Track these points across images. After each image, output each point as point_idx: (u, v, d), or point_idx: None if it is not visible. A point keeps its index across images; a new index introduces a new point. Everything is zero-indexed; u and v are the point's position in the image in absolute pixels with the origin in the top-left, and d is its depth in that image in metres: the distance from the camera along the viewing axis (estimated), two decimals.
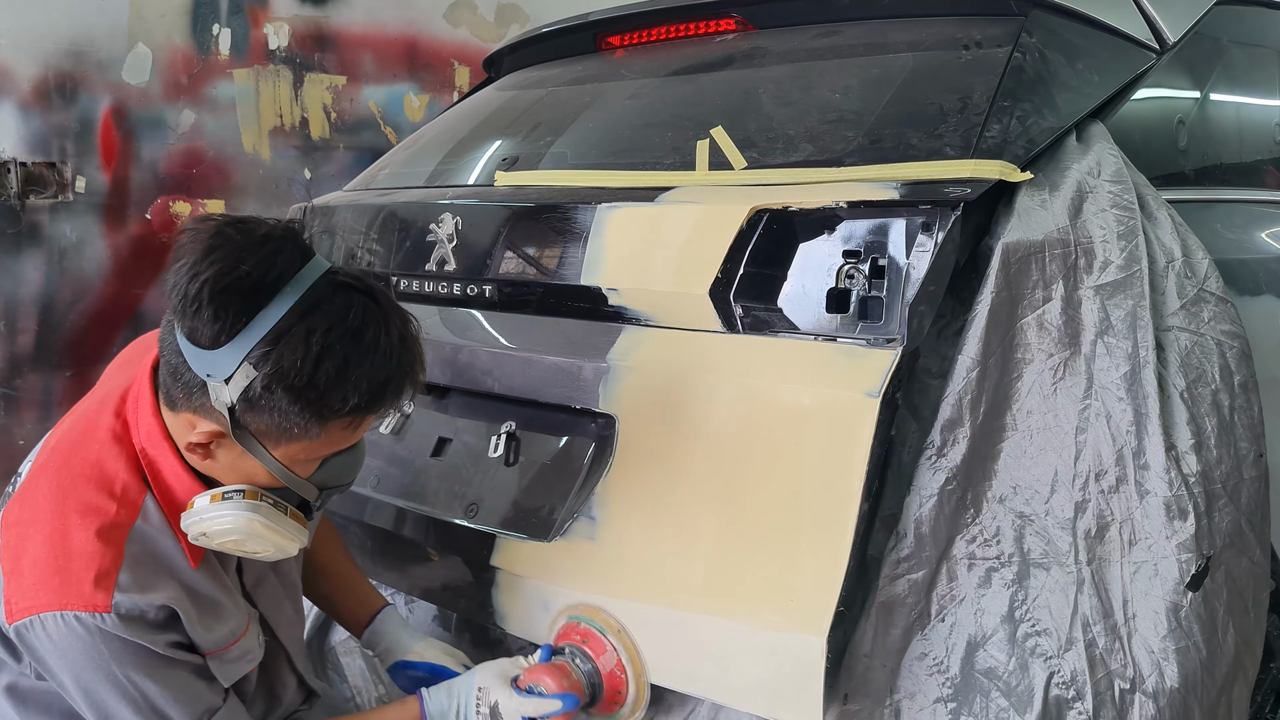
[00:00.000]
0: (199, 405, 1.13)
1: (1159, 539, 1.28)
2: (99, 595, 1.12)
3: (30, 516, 1.17)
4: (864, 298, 1.29)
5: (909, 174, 1.32)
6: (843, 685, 1.24)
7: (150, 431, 1.20)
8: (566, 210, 1.56)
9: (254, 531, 1.18)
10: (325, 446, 1.18)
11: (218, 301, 1.08)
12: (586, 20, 2.05)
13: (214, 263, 1.08)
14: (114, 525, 1.16)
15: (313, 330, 1.09)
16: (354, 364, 1.11)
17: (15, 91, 2.75)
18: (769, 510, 1.29)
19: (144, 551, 1.17)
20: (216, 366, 1.10)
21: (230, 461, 1.18)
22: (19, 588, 1.14)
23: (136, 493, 1.19)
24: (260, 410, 1.11)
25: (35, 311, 2.83)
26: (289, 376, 1.09)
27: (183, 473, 1.20)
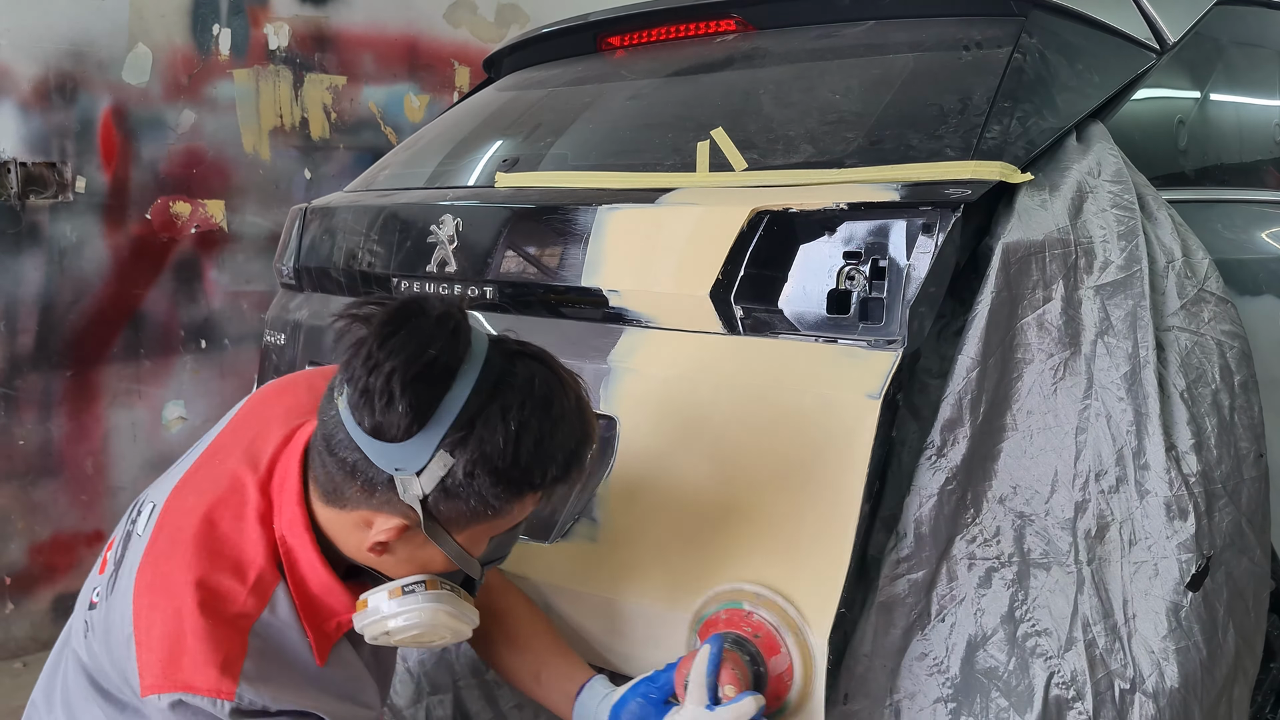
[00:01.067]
0: (382, 502, 1.08)
1: (1159, 539, 1.28)
2: (225, 682, 1.08)
3: (162, 584, 1.13)
4: (864, 299, 1.29)
5: (909, 175, 1.33)
6: (843, 685, 1.25)
7: (293, 520, 1.15)
8: (567, 212, 1.56)
9: (438, 622, 1.14)
10: (510, 521, 1.14)
11: (410, 392, 1.02)
12: (587, 21, 2.05)
13: (395, 351, 1.03)
14: (242, 614, 1.11)
15: (507, 407, 1.05)
16: (548, 435, 1.07)
17: (15, 91, 2.75)
18: (770, 512, 1.29)
19: (268, 645, 1.13)
20: (407, 459, 1.04)
21: (408, 553, 1.13)
22: (147, 662, 1.11)
23: (269, 582, 1.14)
24: (456, 498, 1.07)
25: (35, 311, 2.83)
26: (492, 459, 1.05)
27: (321, 567, 1.15)
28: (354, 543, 1.14)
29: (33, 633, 2.89)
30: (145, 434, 3.06)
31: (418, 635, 1.15)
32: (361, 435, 1.05)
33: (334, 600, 1.16)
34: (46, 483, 2.88)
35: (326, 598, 1.16)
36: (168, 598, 1.12)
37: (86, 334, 2.93)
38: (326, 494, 1.13)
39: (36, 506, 2.88)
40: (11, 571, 2.85)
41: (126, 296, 2.98)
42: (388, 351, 1.03)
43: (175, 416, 3.11)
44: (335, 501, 1.12)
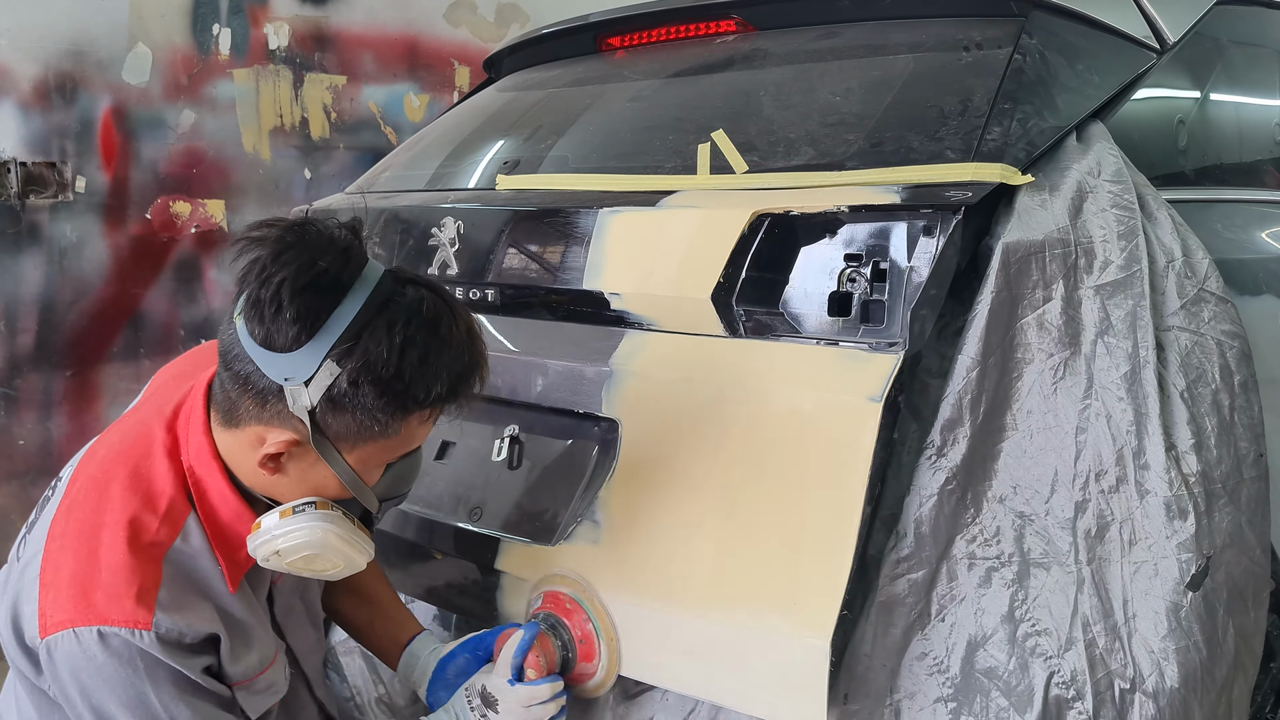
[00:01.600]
0: (273, 414, 1.11)
1: (1159, 539, 1.28)
2: (140, 612, 1.09)
3: (74, 529, 1.15)
4: (866, 301, 1.29)
5: (910, 178, 1.33)
6: (843, 685, 1.25)
7: (200, 449, 1.18)
8: (568, 214, 1.56)
9: (328, 544, 1.16)
10: (399, 446, 1.17)
11: (298, 301, 1.06)
12: (587, 21, 2.05)
13: (287, 263, 1.06)
14: (153, 543, 1.14)
15: (393, 323, 1.09)
16: (434, 354, 1.11)
17: (15, 91, 2.75)
18: (772, 514, 1.29)
19: (181, 572, 1.15)
20: (296, 368, 1.07)
21: (300, 473, 1.15)
22: (55, 601, 1.11)
23: (180, 511, 1.17)
24: (343, 409, 1.09)
25: (35, 311, 2.83)
26: (376, 368, 1.08)
27: (230, 494, 1.18)
28: (249, 464, 1.16)
29: None
30: None
31: (308, 557, 1.16)
32: (253, 346, 1.08)
33: (244, 528, 1.18)
34: (46, 483, 2.88)
35: (236, 525, 1.18)
36: (79, 540, 1.14)
37: (86, 334, 2.93)
38: (224, 415, 1.16)
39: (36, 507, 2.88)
40: None
41: (126, 296, 2.98)
42: (280, 264, 1.06)
43: None
44: (230, 420, 1.15)
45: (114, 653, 1.09)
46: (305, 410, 1.09)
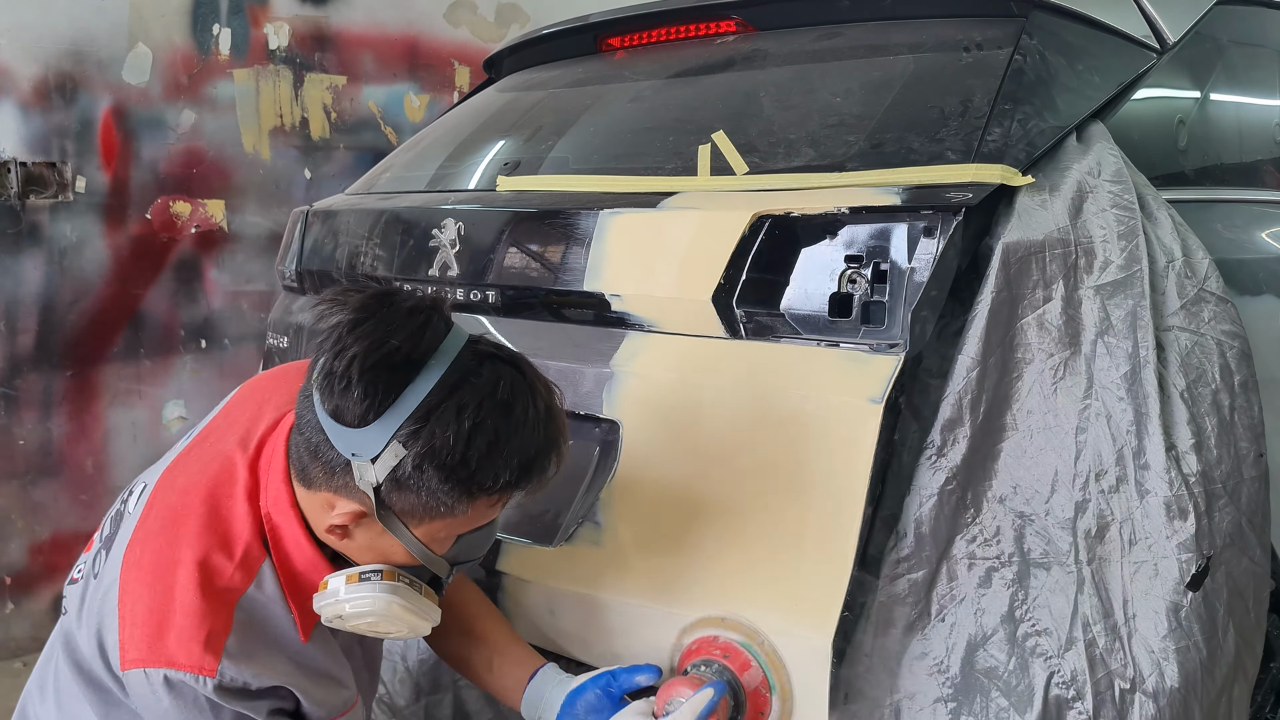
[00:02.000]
0: (340, 485, 1.10)
1: (1159, 539, 1.28)
2: (207, 659, 1.09)
3: (150, 561, 1.14)
4: (866, 303, 1.29)
5: (911, 179, 1.33)
6: (843, 685, 1.25)
7: (279, 498, 1.17)
8: (569, 216, 1.56)
9: (391, 614, 1.15)
10: (468, 523, 1.15)
11: (367, 379, 1.04)
12: (587, 22, 2.05)
13: (361, 337, 1.05)
14: (227, 588, 1.13)
15: (464, 406, 1.06)
16: (504, 440, 1.08)
17: (15, 91, 2.75)
18: (773, 515, 1.29)
19: (253, 620, 1.14)
20: (363, 445, 1.06)
21: (368, 541, 1.15)
22: (132, 637, 1.12)
23: (256, 558, 1.16)
24: (407, 490, 1.08)
25: (35, 311, 2.83)
26: (440, 455, 1.06)
27: (306, 544, 1.17)
28: (321, 524, 1.15)
29: (33, 632, 2.89)
30: (145, 434, 3.06)
31: (372, 624, 1.16)
32: (324, 417, 1.08)
33: (318, 578, 1.17)
34: (46, 483, 2.89)
35: (311, 575, 1.18)
36: (155, 574, 1.13)
37: (86, 334, 2.93)
38: (298, 473, 1.15)
39: (36, 506, 2.88)
40: (11, 571, 2.86)
41: (126, 296, 2.98)
42: (355, 337, 1.05)
43: (175, 416, 3.11)
44: (304, 481, 1.15)
45: (179, 696, 1.10)
46: (370, 486, 1.08)
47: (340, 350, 1.05)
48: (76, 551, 3.08)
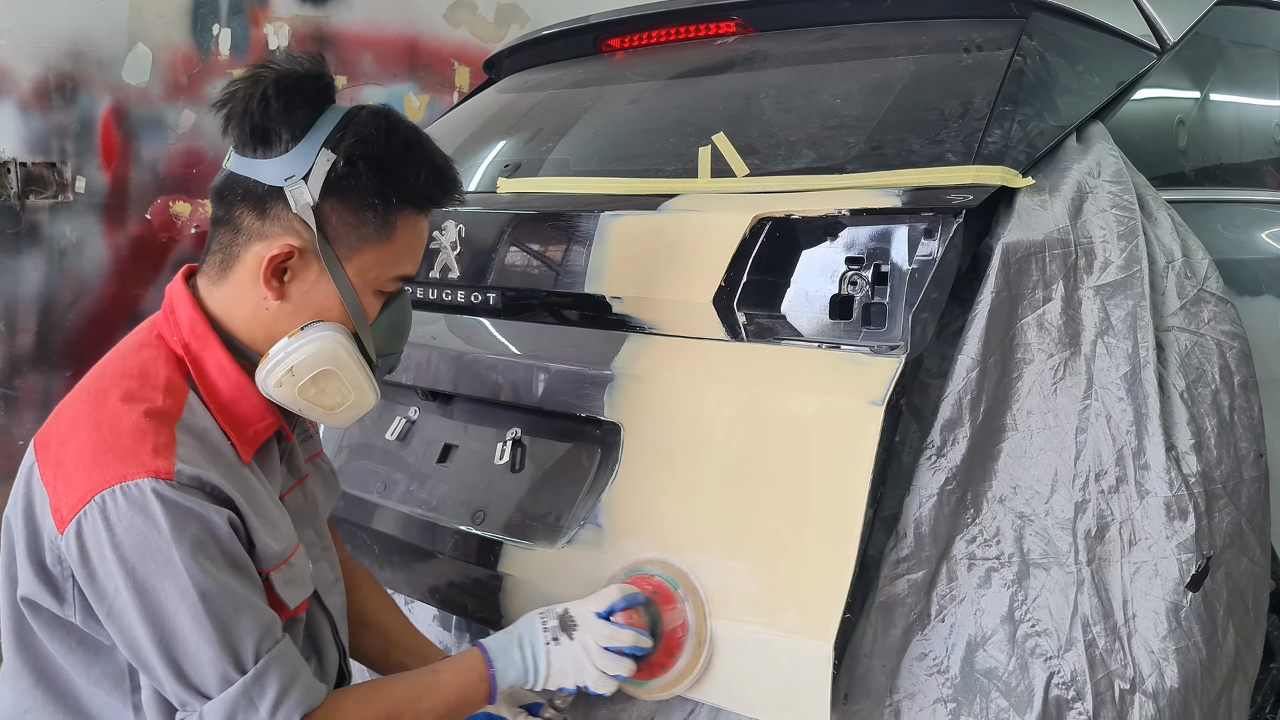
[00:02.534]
0: (273, 222, 1.13)
1: (1159, 539, 1.28)
2: (161, 461, 1.04)
3: (67, 423, 1.10)
4: (867, 305, 1.29)
5: (911, 181, 1.33)
6: (843, 685, 1.25)
7: (193, 324, 1.16)
8: (569, 218, 1.56)
9: (339, 359, 1.15)
10: (395, 257, 1.18)
11: (286, 99, 1.11)
12: (587, 22, 2.05)
13: (267, 78, 1.11)
14: (163, 411, 1.09)
15: (376, 114, 1.15)
16: (416, 143, 1.17)
17: (15, 91, 2.75)
18: (774, 517, 1.29)
19: (193, 437, 1.10)
20: (293, 165, 1.11)
21: (302, 295, 1.15)
22: (67, 486, 1.06)
23: (179, 388, 1.13)
24: (343, 196, 1.12)
25: (35, 311, 2.83)
26: (370, 145, 1.12)
27: (230, 366, 1.15)
28: (247, 310, 1.16)
29: None
30: None
31: (320, 379, 1.15)
32: (248, 162, 1.13)
33: (247, 405, 1.16)
34: None
35: (240, 402, 1.16)
36: (74, 427, 1.09)
37: (86, 334, 2.93)
38: (216, 268, 1.17)
39: None
40: None
41: (126, 296, 2.98)
42: (261, 81, 1.12)
43: None
44: (225, 266, 1.16)
45: (135, 509, 1.03)
46: (308, 207, 1.12)
47: (251, 94, 1.11)
48: None
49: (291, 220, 1.13)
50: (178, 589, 1.04)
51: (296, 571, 1.19)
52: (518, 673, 1.24)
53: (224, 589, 1.06)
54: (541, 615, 1.26)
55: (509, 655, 1.24)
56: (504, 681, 1.24)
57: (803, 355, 1.34)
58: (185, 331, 1.16)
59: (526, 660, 1.24)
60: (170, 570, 1.04)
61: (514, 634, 1.26)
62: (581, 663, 1.24)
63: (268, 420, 1.18)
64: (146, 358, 1.15)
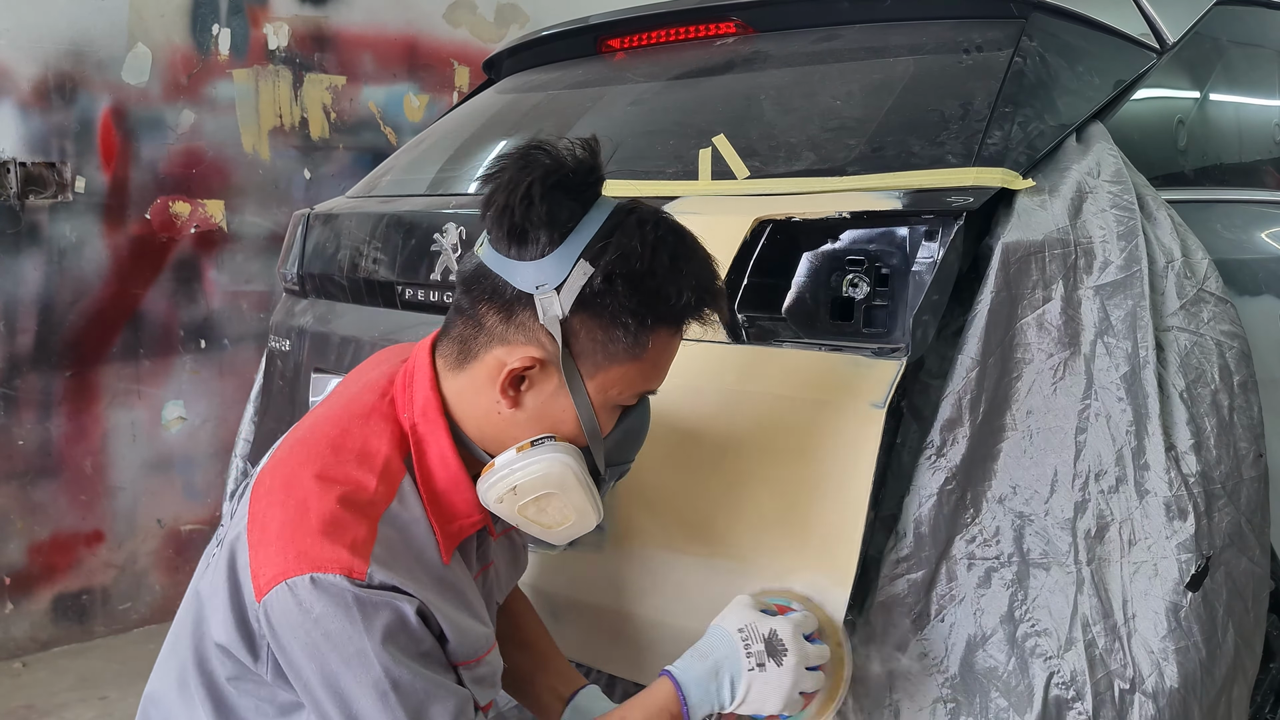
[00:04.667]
0: (518, 329, 1.07)
1: (1159, 539, 1.28)
2: (356, 561, 1.02)
3: (282, 484, 1.08)
4: (868, 307, 1.29)
5: (912, 183, 1.33)
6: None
7: (426, 404, 1.12)
8: None
9: (566, 483, 1.09)
10: (641, 375, 1.11)
11: (550, 200, 1.04)
12: (587, 23, 2.05)
13: (534, 169, 1.05)
14: (370, 502, 1.06)
15: (644, 222, 1.07)
16: (683, 257, 1.08)
17: (15, 91, 2.75)
18: (775, 520, 1.29)
19: (397, 535, 1.07)
20: (547, 274, 1.04)
21: (537, 407, 1.10)
22: (266, 557, 1.04)
23: (396, 472, 1.09)
24: (595, 313, 1.06)
25: (35, 311, 2.83)
26: (630, 262, 1.05)
27: (451, 457, 1.12)
28: (480, 408, 1.11)
29: (32, 633, 2.89)
30: (145, 434, 3.06)
31: (541, 500, 1.10)
32: (501, 260, 1.07)
33: (459, 499, 1.12)
34: (46, 483, 2.89)
35: (453, 495, 1.12)
36: (287, 492, 1.07)
37: (86, 334, 2.93)
38: (456, 354, 1.12)
39: (36, 506, 2.88)
40: (11, 571, 2.86)
41: (126, 296, 2.98)
42: (526, 171, 1.05)
43: (175, 416, 3.11)
44: (465, 356, 1.11)
45: (329, 599, 1.01)
46: (556, 320, 1.05)
47: (514, 185, 1.04)
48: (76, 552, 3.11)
49: (537, 330, 1.07)
50: (369, 677, 1.03)
51: (488, 670, 1.16)
52: (712, 703, 1.15)
53: (415, 676, 1.04)
54: (744, 638, 1.15)
55: (705, 687, 1.15)
56: (698, 714, 1.15)
57: (804, 358, 1.34)
58: (417, 411, 1.13)
59: (724, 689, 1.15)
60: (362, 660, 1.02)
61: (710, 660, 1.16)
62: (787, 689, 1.15)
63: (475, 518, 1.14)
64: (373, 431, 1.11)
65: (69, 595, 2.96)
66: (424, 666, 1.05)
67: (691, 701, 1.14)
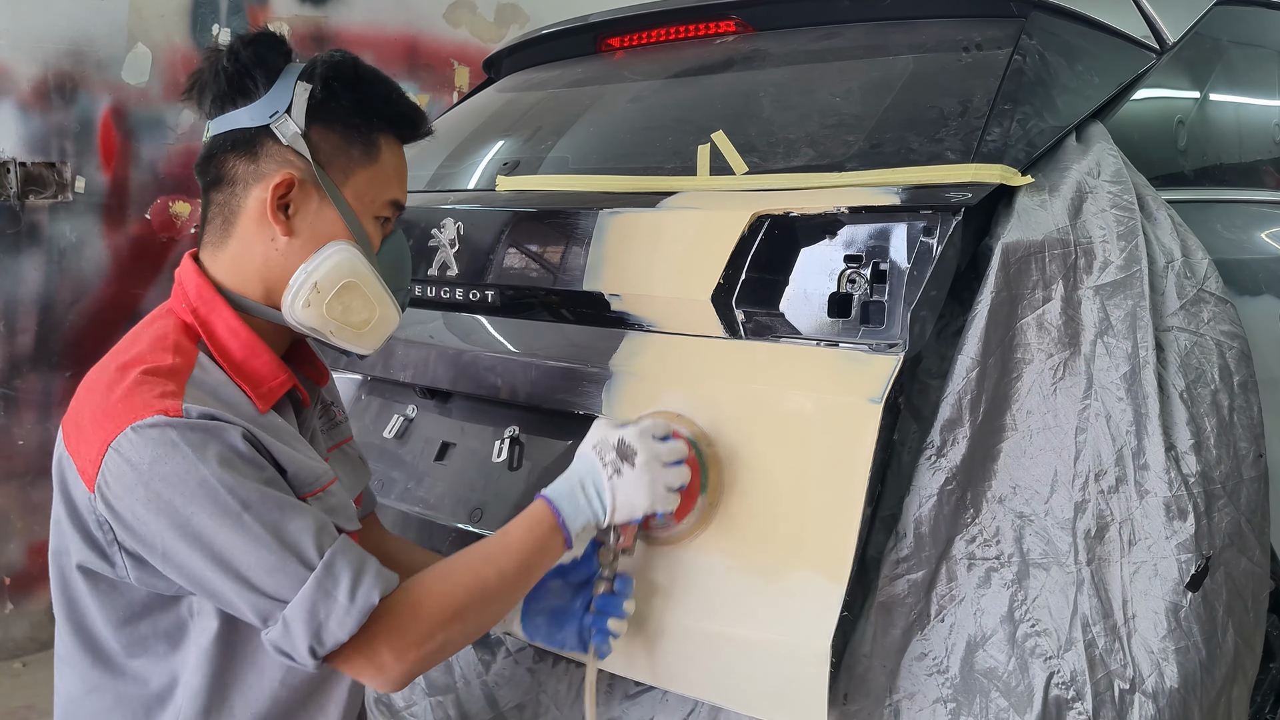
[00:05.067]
0: (267, 161, 1.17)
1: (1159, 539, 1.28)
2: (170, 403, 1.05)
3: (85, 390, 1.13)
4: (866, 303, 1.29)
5: (910, 179, 1.33)
6: (842, 685, 1.25)
7: (199, 290, 1.18)
8: (568, 216, 1.56)
9: (358, 271, 1.18)
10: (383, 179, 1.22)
11: (253, 48, 1.17)
12: (587, 22, 2.05)
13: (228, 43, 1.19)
14: (172, 369, 1.10)
15: (335, 50, 1.23)
16: (380, 74, 1.24)
17: (15, 91, 2.75)
18: (772, 515, 1.29)
19: (205, 390, 1.11)
20: (275, 102, 1.16)
21: (309, 224, 1.18)
22: (88, 446, 1.07)
23: (189, 350, 1.14)
24: (326, 119, 1.18)
25: (35, 311, 2.84)
26: (340, 70, 1.19)
27: (238, 325, 1.17)
28: (260, 253, 1.18)
29: (32, 633, 2.89)
30: None
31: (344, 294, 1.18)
32: (231, 116, 1.18)
33: (260, 364, 1.17)
34: (46, 483, 2.88)
35: (253, 360, 1.17)
36: (89, 393, 1.12)
37: (86, 334, 2.93)
38: (221, 226, 1.20)
39: (36, 506, 2.88)
40: (11, 572, 2.86)
41: (126, 296, 2.98)
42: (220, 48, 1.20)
43: None
44: (229, 222, 1.19)
45: (153, 442, 1.04)
46: (298, 136, 1.16)
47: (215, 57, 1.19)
48: None
49: (284, 153, 1.17)
50: (218, 506, 1.04)
51: (337, 500, 1.18)
52: (586, 514, 1.23)
53: (263, 495, 1.06)
54: (597, 449, 1.25)
55: (574, 499, 1.23)
56: (575, 525, 1.23)
57: (801, 353, 1.34)
58: (193, 298, 1.18)
59: (592, 499, 1.24)
60: (205, 489, 1.04)
61: (573, 477, 1.25)
62: (647, 486, 1.23)
63: (281, 378, 1.19)
64: (156, 329, 1.17)
65: None
66: (268, 485, 1.07)
67: (565, 513, 1.22)
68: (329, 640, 1.07)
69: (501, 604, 1.19)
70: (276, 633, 1.07)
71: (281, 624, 1.06)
